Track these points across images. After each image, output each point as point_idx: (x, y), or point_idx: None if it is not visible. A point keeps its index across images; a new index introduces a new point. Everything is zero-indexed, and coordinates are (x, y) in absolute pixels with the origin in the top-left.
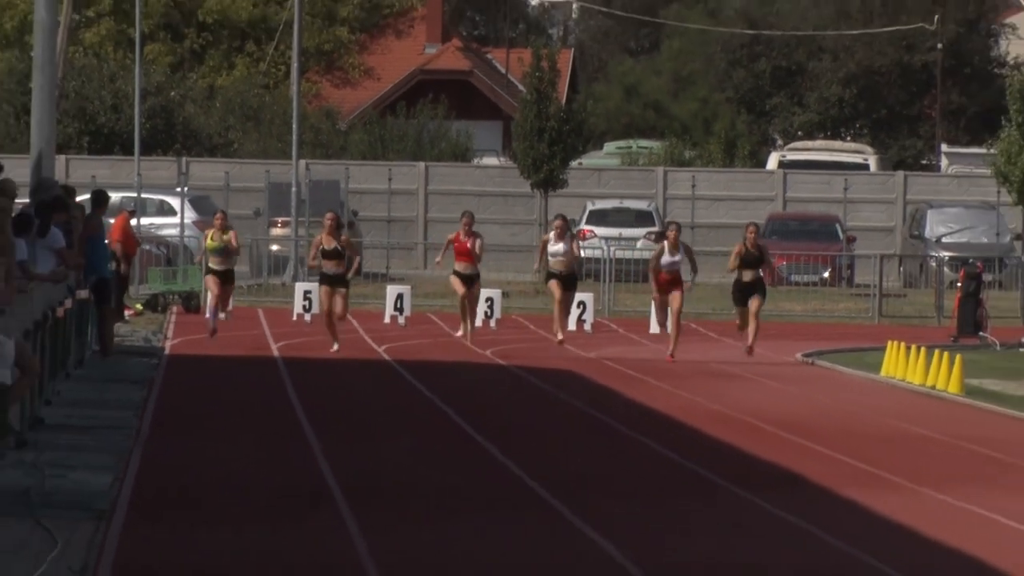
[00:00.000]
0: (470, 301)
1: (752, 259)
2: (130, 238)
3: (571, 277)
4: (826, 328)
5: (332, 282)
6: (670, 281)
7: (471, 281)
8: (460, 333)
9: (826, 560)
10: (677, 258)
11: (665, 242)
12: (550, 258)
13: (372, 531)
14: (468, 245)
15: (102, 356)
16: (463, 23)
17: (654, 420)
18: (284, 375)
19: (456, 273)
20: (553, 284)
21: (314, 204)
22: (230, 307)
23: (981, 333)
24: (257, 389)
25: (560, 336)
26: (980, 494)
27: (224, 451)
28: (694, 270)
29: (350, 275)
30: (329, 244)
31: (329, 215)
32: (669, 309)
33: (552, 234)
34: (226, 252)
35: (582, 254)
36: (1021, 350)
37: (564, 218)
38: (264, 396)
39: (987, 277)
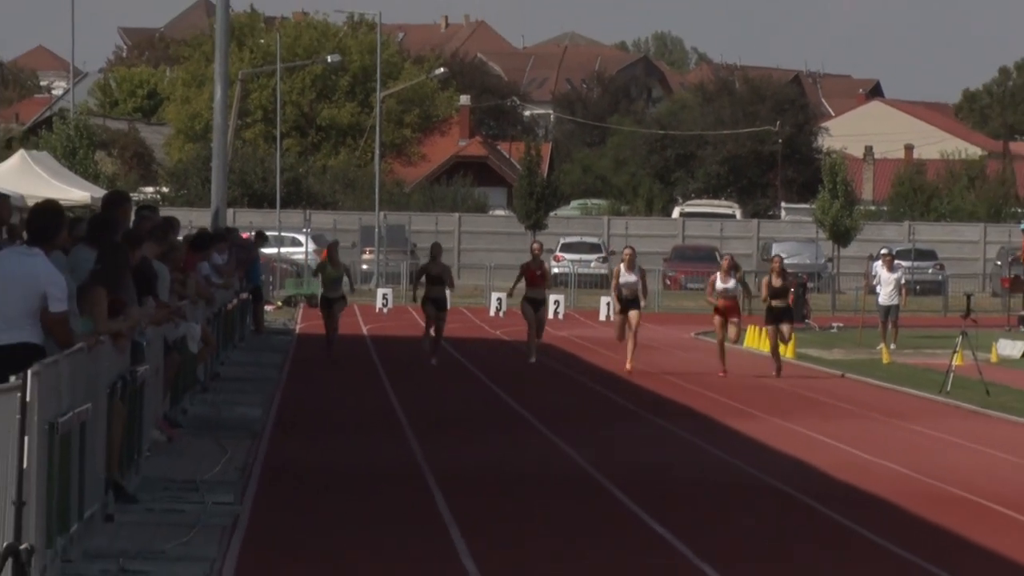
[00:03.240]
0: (537, 324)
1: (778, 290)
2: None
3: (635, 301)
4: (709, 318)
5: (438, 303)
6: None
7: (539, 305)
8: (531, 354)
9: (713, 462)
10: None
11: (622, 264)
12: (623, 289)
13: (426, 443)
14: (537, 273)
15: (256, 334)
16: (483, 126)
17: (601, 375)
18: (370, 346)
19: (527, 299)
20: (619, 321)
21: (389, 240)
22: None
23: (806, 320)
24: (353, 354)
25: (629, 366)
26: (806, 421)
27: (331, 393)
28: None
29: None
30: (434, 270)
31: (435, 244)
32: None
33: (622, 265)
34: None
35: (647, 286)
36: (832, 331)
37: (633, 249)
38: (357, 358)
39: (810, 285)
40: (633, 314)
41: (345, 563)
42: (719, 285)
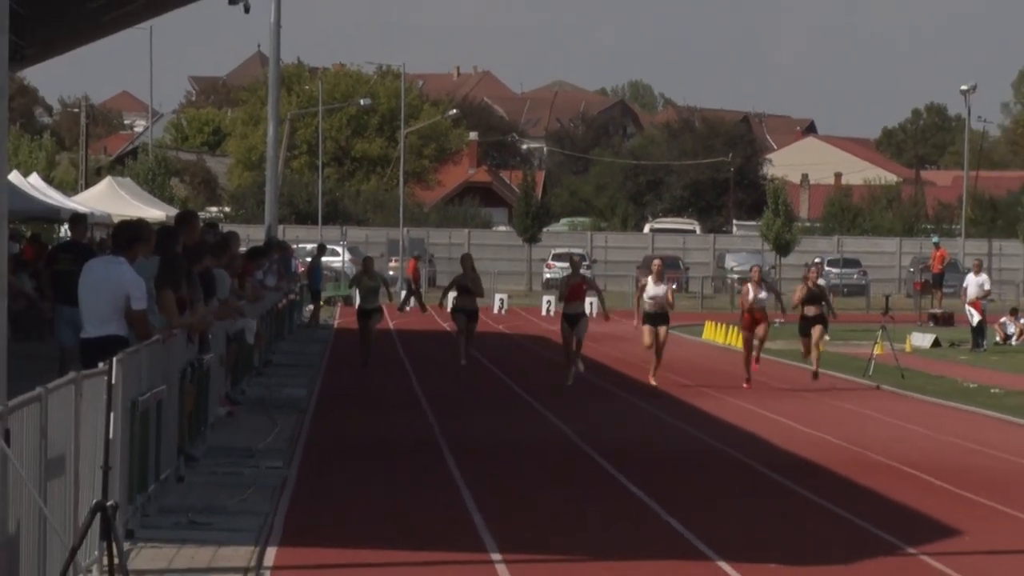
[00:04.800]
0: (576, 337)
1: (814, 296)
2: (417, 272)
3: (664, 315)
4: (674, 315)
5: (469, 314)
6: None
7: (577, 319)
8: (569, 378)
9: (681, 435)
10: (662, 290)
11: (650, 277)
12: (647, 300)
13: (442, 420)
14: (583, 287)
15: (305, 328)
16: (488, 158)
17: (587, 363)
18: (396, 339)
19: (565, 316)
20: (647, 330)
21: (411, 250)
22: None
23: None
24: (381, 346)
25: (653, 381)
26: (754, 399)
27: (364, 377)
28: (671, 305)
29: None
30: (464, 280)
31: (465, 256)
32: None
33: (651, 277)
34: (375, 292)
35: (673, 301)
36: (775, 325)
37: (663, 260)
38: (385, 349)
39: None
40: (662, 330)
41: (373, 515)
42: (751, 295)
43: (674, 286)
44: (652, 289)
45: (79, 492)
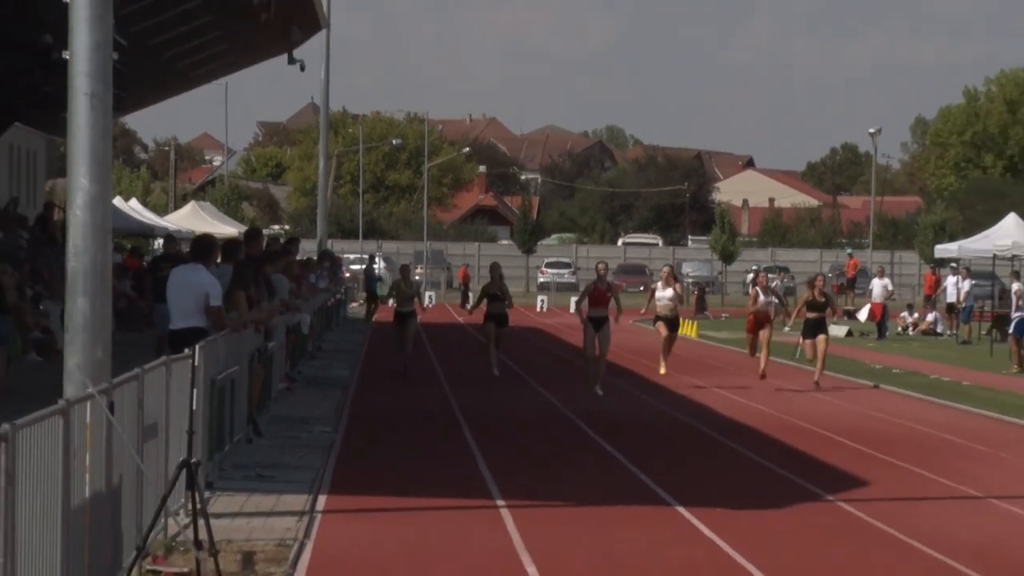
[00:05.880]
0: (600, 342)
1: (818, 304)
2: (468, 277)
3: (675, 320)
4: (637, 311)
5: (498, 320)
6: (669, 318)
7: (602, 323)
8: (596, 391)
9: (643, 405)
10: (669, 293)
11: (659, 282)
12: (657, 303)
13: (458, 392)
14: (607, 293)
15: (367, 321)
16: (493, 186)
17: (572, 349)
18: (420, 330)
19: (590, 319)
20: (660, 325)
21: (432, 260)
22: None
23: (704, 312)
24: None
25: (663, 370)
26: (706, 378)
27: (398, 360)
28: (680, 302)
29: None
30: (493, 288)
31: (494, 265)
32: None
33: (660, 282)
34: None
35: (682, 295)
36: (722, 319)
37: (671, 267)
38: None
39: (708, 289)
40: (672, 335)
41: (402, 470)
42: (762, 299)
43: (678, 286)
44: (660, 292)
45: (169, 451)
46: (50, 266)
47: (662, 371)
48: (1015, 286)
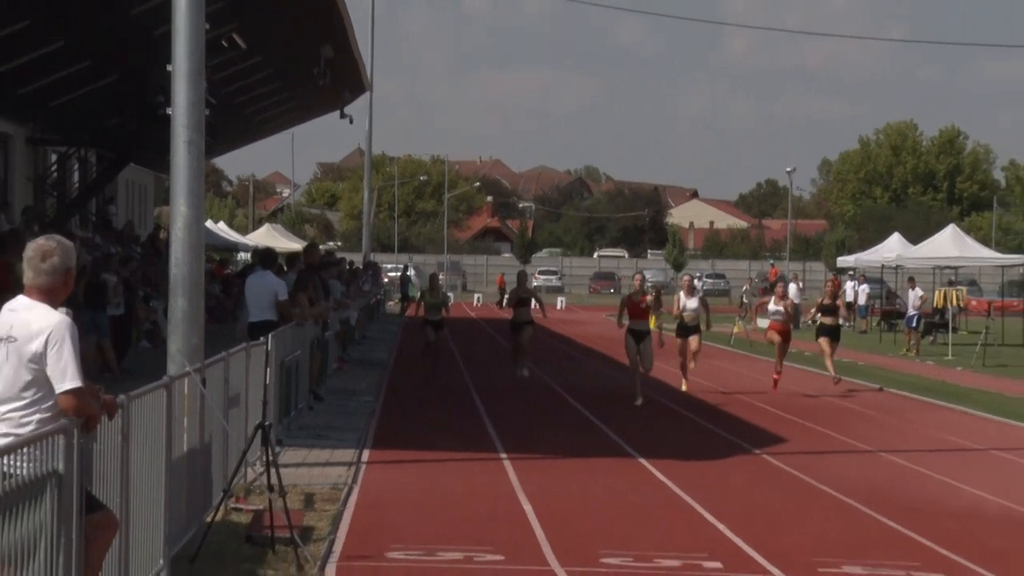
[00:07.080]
0: (642, 356)
1: (829, 308)
2: (504, 282)
3: (696, 328)
4: (613, 308)
5: (519, 327)
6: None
7: (643, 336)
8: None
9: (618, 382)
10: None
11: (681, 291)
12: (684, 313)
13: (472, 370)
14: (641, 305)
15: (401, 315)
16: (498, 212)
17: (562, 339)
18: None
19: (630, 331)
20: (680, 342)
21: (451, 269)
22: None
23: (660, 309)
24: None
25: (684, 387)
26: (667, 361)
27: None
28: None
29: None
30: (521, 294)
31: (521, 272)
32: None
33: (682, 292)
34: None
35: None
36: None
37: (691, 276)
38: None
39: (663, 291)
40: (693, 339)
41: (428, 430)
42: (772, 307)
43: (701, 295)
44: (684, 301)
45: (248, 416)
46: (157, 273)
47: (684, 388)
48: (912, 292)
